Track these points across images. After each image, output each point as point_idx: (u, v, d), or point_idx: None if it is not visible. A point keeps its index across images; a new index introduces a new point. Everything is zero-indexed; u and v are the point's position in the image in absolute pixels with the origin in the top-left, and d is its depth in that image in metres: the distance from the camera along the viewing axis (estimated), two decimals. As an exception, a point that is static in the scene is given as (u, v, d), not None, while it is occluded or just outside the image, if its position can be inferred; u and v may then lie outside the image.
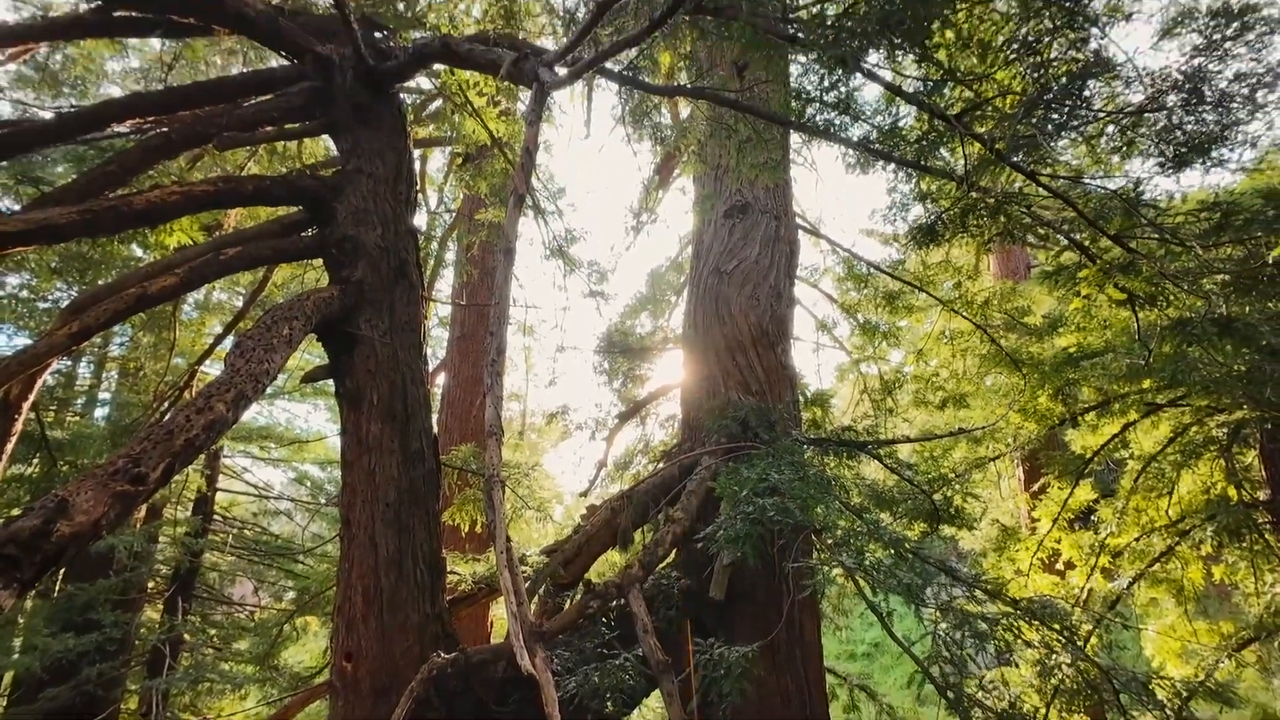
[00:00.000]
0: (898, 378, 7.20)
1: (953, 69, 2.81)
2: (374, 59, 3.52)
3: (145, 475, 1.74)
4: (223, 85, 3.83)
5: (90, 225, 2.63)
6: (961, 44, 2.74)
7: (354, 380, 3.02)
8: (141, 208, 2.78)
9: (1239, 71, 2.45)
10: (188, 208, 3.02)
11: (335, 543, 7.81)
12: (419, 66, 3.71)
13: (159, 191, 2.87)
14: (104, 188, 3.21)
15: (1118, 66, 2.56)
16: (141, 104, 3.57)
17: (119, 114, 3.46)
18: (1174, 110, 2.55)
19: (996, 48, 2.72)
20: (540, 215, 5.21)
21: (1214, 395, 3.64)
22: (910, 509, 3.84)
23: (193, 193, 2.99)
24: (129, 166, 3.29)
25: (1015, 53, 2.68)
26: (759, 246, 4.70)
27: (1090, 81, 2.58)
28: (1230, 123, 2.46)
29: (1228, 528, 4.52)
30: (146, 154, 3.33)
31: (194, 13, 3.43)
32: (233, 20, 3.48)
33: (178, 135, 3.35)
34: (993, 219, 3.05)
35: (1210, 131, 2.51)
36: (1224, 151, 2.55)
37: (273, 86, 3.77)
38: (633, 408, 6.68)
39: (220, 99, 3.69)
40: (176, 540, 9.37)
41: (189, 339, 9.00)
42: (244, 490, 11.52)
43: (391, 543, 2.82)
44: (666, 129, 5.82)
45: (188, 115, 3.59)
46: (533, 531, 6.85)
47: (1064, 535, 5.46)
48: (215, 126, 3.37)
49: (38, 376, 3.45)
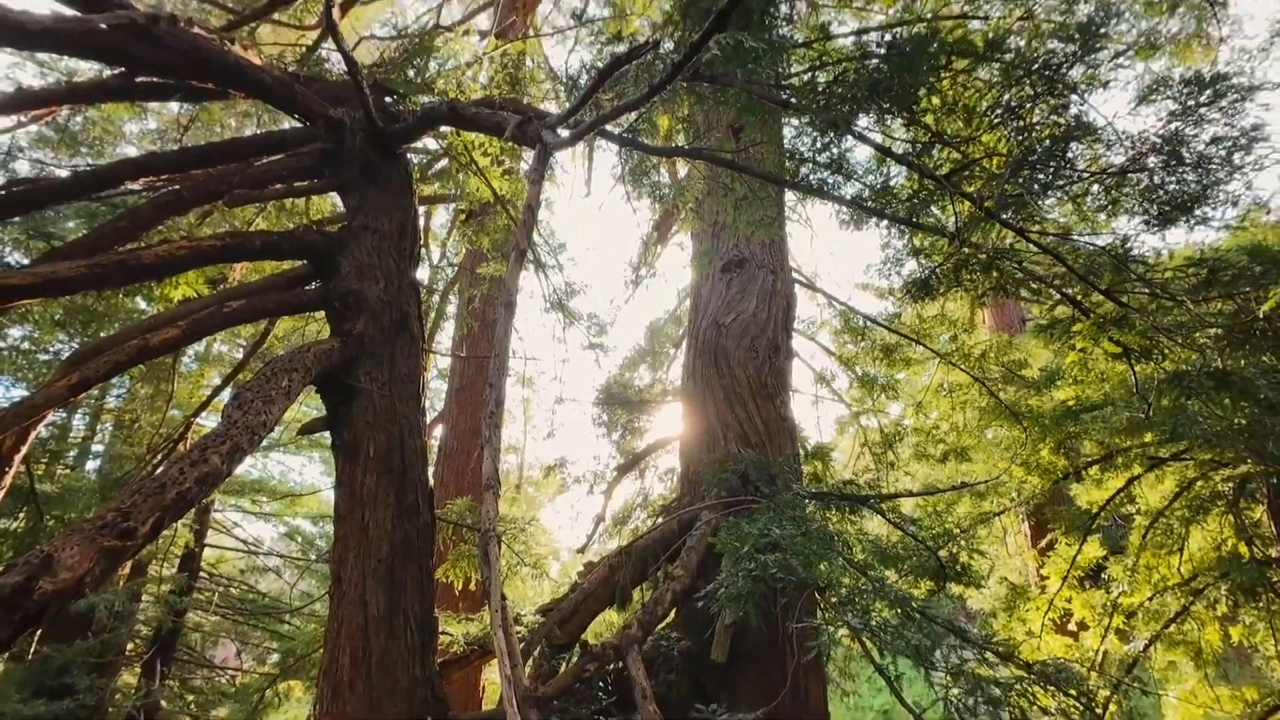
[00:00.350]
0: (898, 430, 7.17)
1: (940, 132, 2.92)
2: (384, 121, 3.66)
3: (134, 529, 1.70)
4: (236, 145, 3.96)
5: (98, 279, 2.66)
6: (947, 109, 2.86)
7: (351, 432, 3.00)
8: (150, 261, 2.82)
9: (1215, 135, 2.55)
10: (195, 262, 3.07)
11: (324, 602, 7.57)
12: (427, 129, 3.85)
13: (168, 246, 2.93)
14: (113, 243, 3.27)
15: (1098, 130, 2.67)
16: (156, 163, 3.68)
17: (134, 172, 3.57)
18: (1155, 171, 2.64)
19: (981, 113, 2.84)
20: (541, 269, 5.30)
21: (1217, 449, 3.62)
22: (915, 566, 3.75)
23: (201, 247, 3.05)
24: (139, 222, 3.36)
25: (999, 117, 2.79)
26: (756, 300, 4.77)
27: (1073, 144, 2.68)
28: (1210, 182, 2.55)
29: (1242, 586, 4.41)
30: (157, 210, 3.41)
31: (215, 80, 3.59)
32: (252, 87, 3.64)
33: (189, 192, 3.44)
34: (985, 274, 3.11)
35: (1192, 191, 2.59)
36: (1207, 210, 2.62)
37: (284, 147, 3.91)
38: (631, 460, 6.62)
39: (233, 159, 3.81)
40: (160, 599, 9.07)
41: (187, 391, 8.98)
42: (233, 546, 11.25)
43: (383, 601, 2.74)
44: (665, 187, 6.00)
45: (200, 174, 3.70)
46: (528, 589, 6.66)
47: (1075, 594, 5.31)
48: (227, 184, 3.47)
49: (33, 428, 3.43)
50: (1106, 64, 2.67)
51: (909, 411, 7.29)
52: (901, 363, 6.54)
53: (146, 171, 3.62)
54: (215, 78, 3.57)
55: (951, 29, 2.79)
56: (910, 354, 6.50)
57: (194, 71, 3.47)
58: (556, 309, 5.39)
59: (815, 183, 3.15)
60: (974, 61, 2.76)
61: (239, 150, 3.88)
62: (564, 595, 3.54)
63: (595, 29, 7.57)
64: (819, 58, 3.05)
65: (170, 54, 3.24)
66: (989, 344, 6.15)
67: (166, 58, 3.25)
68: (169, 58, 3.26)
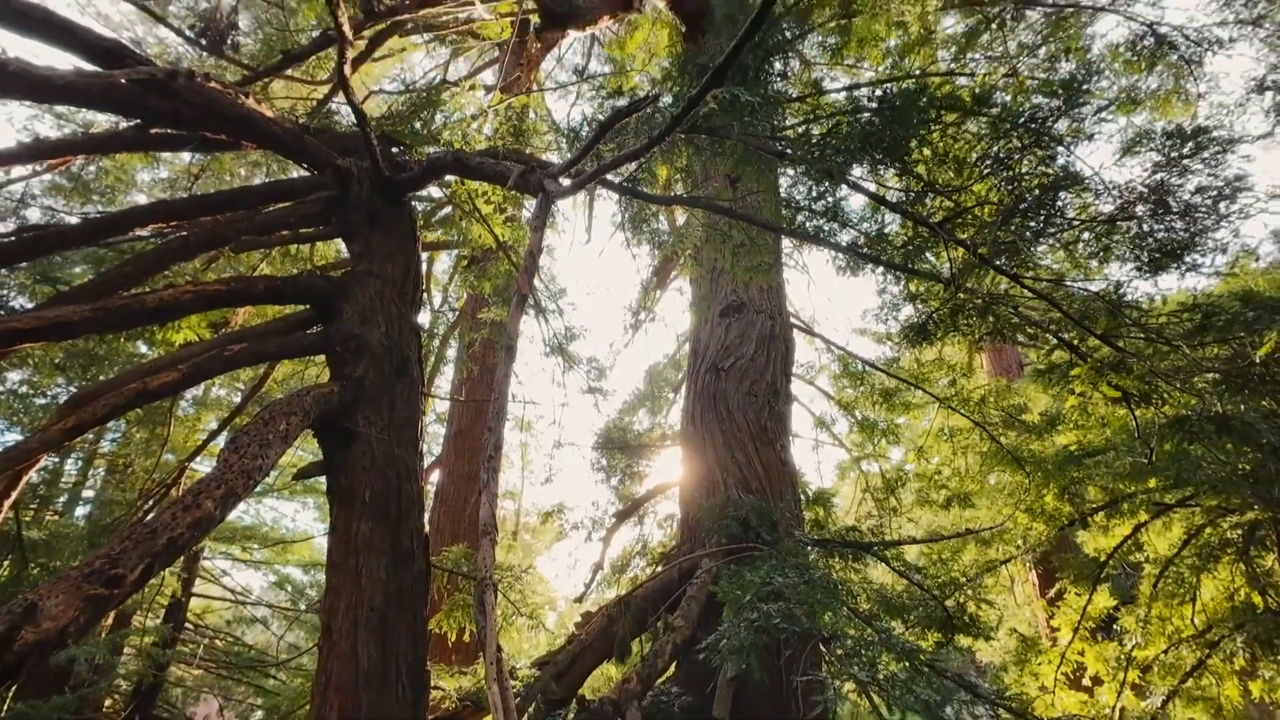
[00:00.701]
0: (900, 476, 7.10)
1: (932, 181, 3.00)
2: (390, 171, 3.76)
3: (122, 577, 1.66)
4: (244, 194, 4.05)
5: (102, 322, 2.68)
6: (938, 159, 2.94)
7: (347, 477, 2.96)
8: (154, 305, 2.85)
9: (1199, 185, 2.62)
10: (199, 306, 3.10)
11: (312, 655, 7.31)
12: (432, 178, 3.95)
13: (172, 291, 2.96)
14: (119, 287, 3.31)
15: (1086, 179, 2.75)
16: (165, 210, 3.76)
17: (144, 219, 3.63)
18: (1144, 219, 2.70)
19: (971, 163, 2.92)
20: (541, 314, 5.35)
21: (1222, 495, 3.58)
22: (922, 616, 3.65)
23: (205, 292, 3.09)
24: (145, 267, 3.41)
25: (989, 167, 2.87)
26: (755, 344, 4.80)
27: (1061, 193, 2.75)
28: (1199, 230, 2.61)
29: (1259, 638, 4.28)
30: (164, 256, 3.47)
31: (229, 131, 3.70)
32: (264, 138, 3.75)
33: (196, 238, 3.50)
34: (981, 318, 3.14)
35: (1181, 238, 2.65)
36: (1196, 257, 2.67)
37: (292, 195, 4.00)
38: (630, 506, 6.52)
39: (241, 206, 3.90)
40: (143, 651, 8.77)
41: (182, 435, 8.91)
42: (220, 596, 10.95)
43: (374, 653, 2.65)
44: (664, 234, 6.11)
45: (208, 220, 3.78)
46: (523, 641, 6.45)
47: (1087, 646, 5.15)
48: (234, 230, 3.54)
49: (25, 473, 3.39)
50: (1090, 118, 2.77)
51: (910, 456, 7.23)
52: (901, 407, 6.53)
53: (155, 218, 3.69)
54: (229, 129, 3.68)
55: (939, 85, 2.90)
56: (910, 398, 6.50)
57: (209, 123, 3.58)
58: (556, 353, 5.42)
59: (811, 230, 3.21)
60: (962, 115, 2.86)
61: (248, 198, 3.97)
62: (561, 647, 3.43)
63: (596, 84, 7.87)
64: (812, 111, 3.16)
65: (187, 107, 3.35)
66: (988, 388, 6.15)
67: (183, 110, 3.36)
68: (186, 110, 3.37)
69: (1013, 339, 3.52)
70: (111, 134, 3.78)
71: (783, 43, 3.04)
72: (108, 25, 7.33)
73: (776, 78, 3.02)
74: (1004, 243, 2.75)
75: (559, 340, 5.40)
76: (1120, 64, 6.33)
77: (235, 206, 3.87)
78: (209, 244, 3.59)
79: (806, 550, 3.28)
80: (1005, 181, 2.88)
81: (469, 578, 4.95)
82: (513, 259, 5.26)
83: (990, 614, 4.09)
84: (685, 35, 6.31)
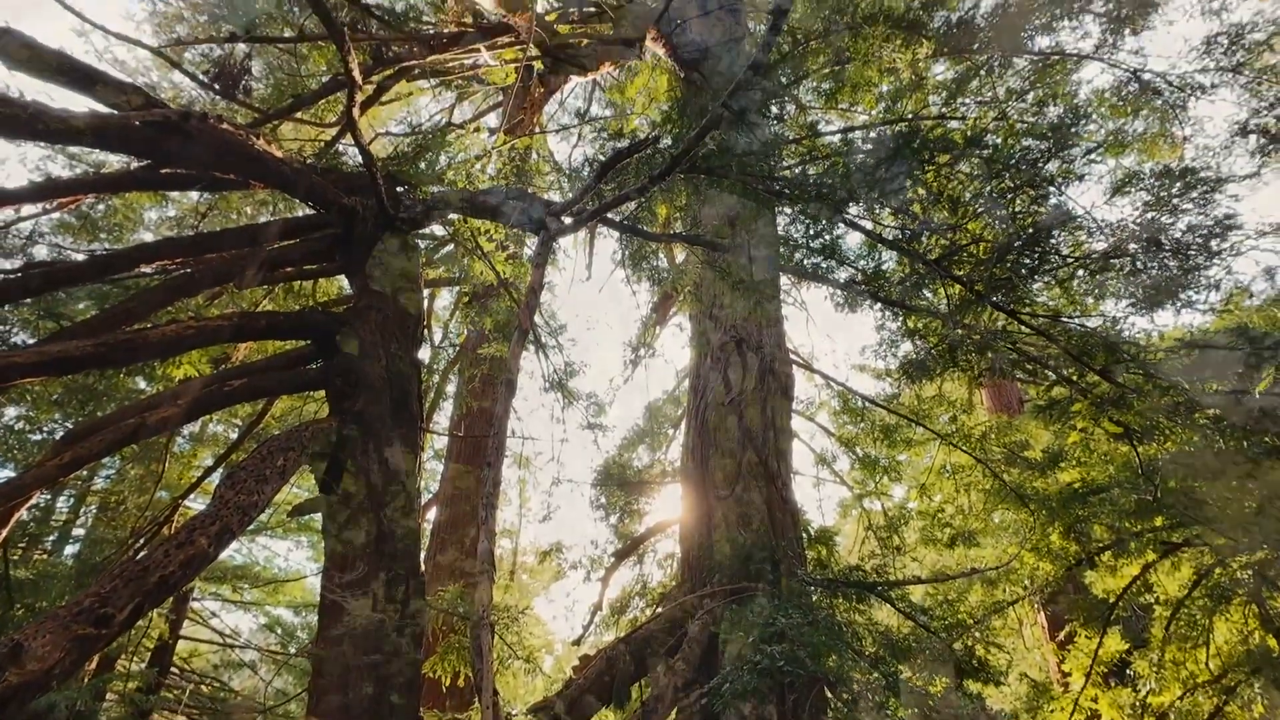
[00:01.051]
0: (902, 514, 7.00)
1: (928, 220, 3.05)
2: (394, 209, 3.82)
3: (111, 616, 1.63)
4: (250, 231, 4.11)
5: (105, 358, 2.69)
6: (933, 199, 3.01)
7: (343, 514, 2.92)
8: (157, 340, 2.86)
9: (1190, 223, 2.67)
10: (201, 341, 3.11)
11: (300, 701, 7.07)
12: (436, 215, 4.02)
13: (175, 326, 2.97)
14: (123, 323, 3.33)
15: (1078, 218, 2.80)
16: (171, 248, 3.81)
17: (150, 256, 3.68)
18: (1137, 256, 2.74)
19: (965, 202, 2.98)
20: (542, 349, 5.37)
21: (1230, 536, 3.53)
22: (930, 659, 3.55)
23: (207, 328, 3.10)
24: (150, 303, 3.43)
25: (983, 206, 2.93)
26: (755, 380, 4.80)
27: (1055, 231, 2.80)
28: (1191, 267, 2.64)
29: (1276, 683, 4.16)
30: (168, 293, 3.50)
31: (239, 171, 3.78)
32: (273, 178, 3.82)
33: (201, 275, 3.54)
34: (980, 354, 3.16)
35: (1174, 276, 2.68)
36: (1191, 294, 2.70)
37: (298, 232, 4.06)
38: (630, 545, 6.41)
39: (247, 243, 3.95)
40: (126, 697, 8.48)
41: (177, 472, 8.82)
42: (208, 639, 10.65)
43: (366, 696, 2.57)
44: (664, 271, 6.19)
45: (213, 257, 3.82)
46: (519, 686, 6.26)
47: (1100, 693, 4.99)
48: (239, 266, 3.58)
49: (16, 510, 3.34)
50: (1080, 159, 2.84)
51: (913, 494, 7.15)
52: (902, 444, 6.49)
53: (162, 255, 3.74)
54: (239, 169, 3.76)
55: (931, 127, 2.98)
56: (910, 434, 6.46)
57: (220, 164, 3.65)
58: (556, 389, 5.41)
59: (810, 267, 3.25)
60: (955, 156, 2.94)
61: (253, 236, 4.02)
62: (559, 692, 3.33)
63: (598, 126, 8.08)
64: (808, 153, 3.23)
65: (199, 148, 3.42)
66: (989, 425, 6.12)
67: (195, 151, 3.43)
68: (197, 151, 3.44)
69: (1012, 375, 3.53)
70: (124, 173, 3.86)
71: (778, 89, 3.13)
72: (123, 70, 7.58)
73: (773, 121, 3.10)
74: (1000, 279, 2.78)
75: (559, 376, 5.41)
76: (1106, 108, 6.52)
77: (241, 243, 3.92)
78: (215, 280, 3.62)
79: (810, 590, 3.21)
80: (1000, 220, 2.94)
81: (464, 619, 4.84)
82: (514, 295, 5.30)
83: (1000, 658, 3.98)
84: (684, 80, 6.51)
